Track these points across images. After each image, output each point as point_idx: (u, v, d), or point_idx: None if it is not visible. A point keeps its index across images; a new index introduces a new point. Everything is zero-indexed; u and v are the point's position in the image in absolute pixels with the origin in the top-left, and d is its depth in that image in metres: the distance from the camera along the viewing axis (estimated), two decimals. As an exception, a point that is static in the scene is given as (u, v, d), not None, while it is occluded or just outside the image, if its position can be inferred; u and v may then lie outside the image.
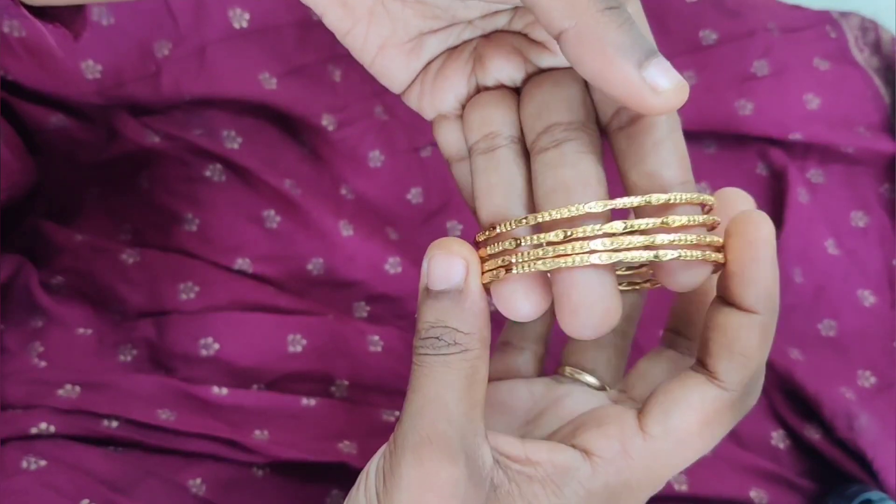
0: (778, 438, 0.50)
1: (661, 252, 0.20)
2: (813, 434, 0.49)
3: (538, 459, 0.22)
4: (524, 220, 0.21)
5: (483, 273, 0.22)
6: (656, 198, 0.21)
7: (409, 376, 0.49)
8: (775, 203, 0.55)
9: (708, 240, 0.21)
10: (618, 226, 0.20)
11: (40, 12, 0.29)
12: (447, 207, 0.52)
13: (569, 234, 0.20)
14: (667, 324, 0.28)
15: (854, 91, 0.56)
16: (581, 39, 0.19)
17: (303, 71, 0.50)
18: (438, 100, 0.27)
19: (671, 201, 0.21)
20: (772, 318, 0.21)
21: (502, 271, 0.21)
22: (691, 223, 0.21)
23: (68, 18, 0.31)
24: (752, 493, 0.46)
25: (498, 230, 0.22)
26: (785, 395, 0.50)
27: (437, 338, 0.22)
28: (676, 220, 0.21)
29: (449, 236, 0.23)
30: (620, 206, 0.21)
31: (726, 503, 0.46)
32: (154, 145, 0.48)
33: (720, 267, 0.22)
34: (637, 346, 0.50)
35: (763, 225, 0.21)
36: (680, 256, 0.20)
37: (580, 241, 0.20)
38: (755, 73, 0.56)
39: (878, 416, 0.48)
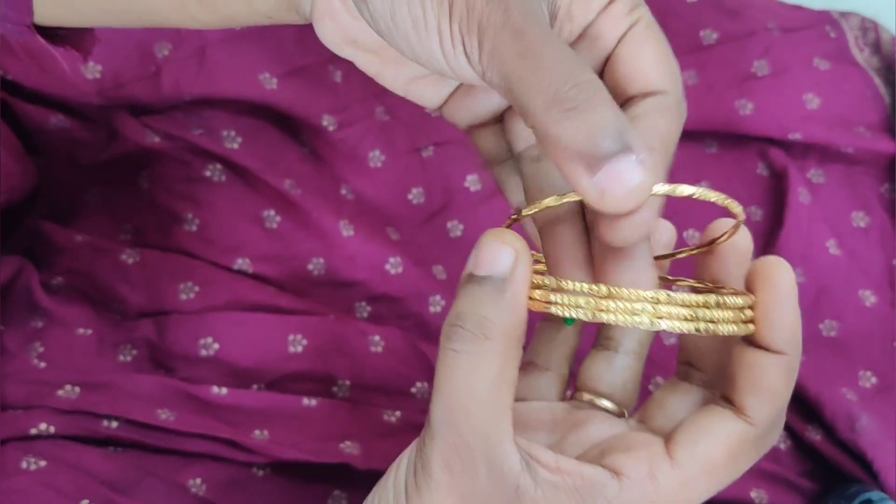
0: (779, 439, 0.50)
1: (701, 325, 0.21)
2: (814, 435, 0.49)
3: (568, 470, 0.22)
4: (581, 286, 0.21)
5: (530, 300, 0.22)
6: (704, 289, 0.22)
7: (409, 376, 0.49)
8: (776, 203, 0.55)
9: (739, 304, 0.22)
10: (662, 296, 0.21)
11: (51, 34, 0.29)
12: (448, 208, 0.52)
13: (613, 292, 0.21)
14: (679, 356, 0.28)
15: (854, 91, 0.56)
16: (540, 137, 0.19)
17: (303, 71, 0.50)
18: (473, 114, 0.27)
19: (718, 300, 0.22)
20: (797, 359, 0.22)
21: (542, 304, 0.21)
22: (729, 309, 0.22)
23: (77, 36, 0.31)
24: (753, 494, 0.46)
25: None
26: (786, 395, 0.50)
27: (463, 327, 0.21)
28: (714, 303, 0.21)
29: (498, 228, 0.22)
30: (665, 301, 0.21)
31: (726, 503, 0.46)
32: (154, 145, 0.48)
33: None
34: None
35: (785, 272, 0.22)
36: (719, 331, 0.21)
37: (623, 302, 0.21)
38: (755, 73, 0.56)
39: (878, 417, 0.48)
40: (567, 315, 0.21)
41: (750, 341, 0.23)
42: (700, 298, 0.21)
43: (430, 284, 0.49)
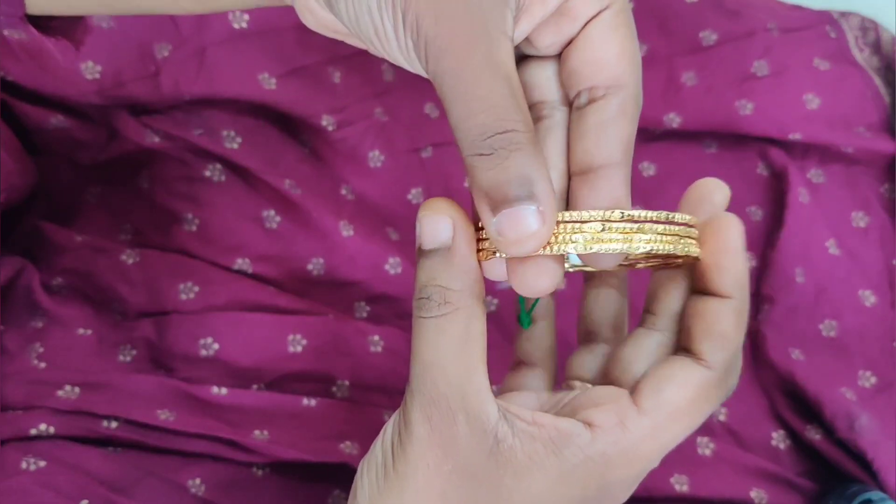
0: (778, 439, 0.50)
1: (634, 245, 0.22)
2: (813, 434, 0.49)
3: (543, 422, 0.23)
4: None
5: (479, 251, 0.23)
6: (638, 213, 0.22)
7: (409, 376, 0.49)
8: (776, 203, 0.55)
9: (685, 232, 0.24)
10: (597, 226, 0.22)
11: (44, 26, 0.30)
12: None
13: (563, 217, 0.22)
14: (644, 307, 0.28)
15: (854, 91, 0.56)
16: (465, 167, 0.21)
17: (303, 72, 0.50)
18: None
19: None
20: (744, 303, 0.24)
21: (492, 252, 0.23)
22: (665, 231, 0.23)
23: (69, 27, 0.31)
24: (753, 494, 0.46)
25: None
26: (786, 396, 0.50)
27: (428, 298, 0.23)
28: (651, 226, 0.22)
29: (438, 197, 0.24)
30: (618, 218, 0.22)
31: (726, 503, 0.46)
32: (154, 145, 0.48)
33: (694, 260, 0.24)
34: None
35: (732, 222, 0.24)
36: (652, 250, 0.22)
37: (563, 234, 0.22)
38: (755, 74, 0.56)
39: (878, 417, 0.48)
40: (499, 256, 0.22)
41: (702, 290, 0.24)
42: (649, 213, 0.22)
43: (430, 284, 0.49)
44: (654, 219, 0.22)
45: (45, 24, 0.30)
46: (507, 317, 0.50)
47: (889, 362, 0.51)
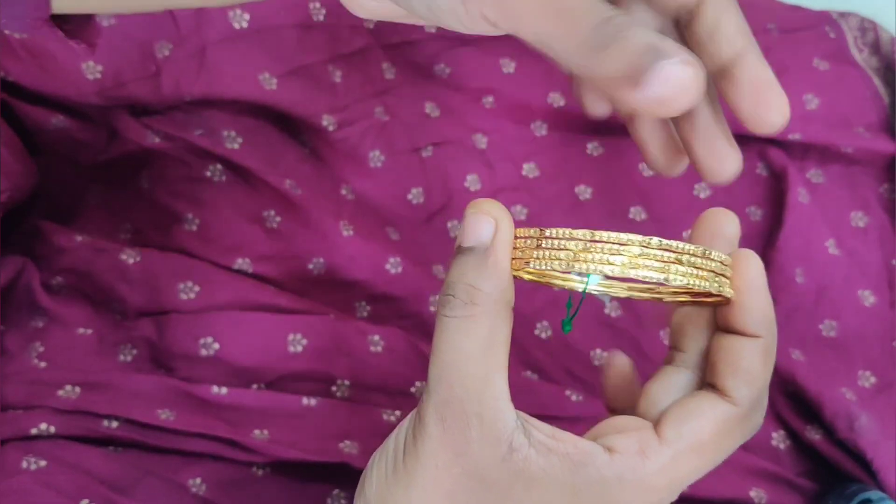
0: (778, 439, 0.50)
1: (671, 276, 0.22)
2: (813, 434, 0.49)
3: (563, 438, 0.23)
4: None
5: (513, 259, 0.23)
6: (690, 248, 0.23)
7: (409, 376, 0.49)
8: (775, 203, 0.55)
9: (720, 269, 0.23)
10: (635, 250, 0.22)
11: (60, 28, 0.30)
12: (448, 207, 0.52)
13: (597, 236, 0.22)
14: (669, 342, 0.28)
15: (853, 91, 0.57)
16: (587, 79, 0.22)
17: (303, 71, 0.50)
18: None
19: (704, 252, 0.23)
20: (772, 341, 0.24)
21: (525, 263, 0.23)
22: (702, 265, 0.23)
23: (82, 28, 0.31)
24: (752, 493, 0.46)
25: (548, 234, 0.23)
26: (786, 395, 0.50)
27: (454, 295, 0.23)
28: (689, 258, 0.22)
29: (481, 204, 0.24)
30: (655, 246, 0.22)
31: (726, 503, 0.46)
32: (154, 145, 0.48)
33: (726, 301, 0.24)
34: (643, 353, 0.50)
35: (754, 260, 0.24)
36: (689, 284, 0.22)
37: (600, 254, 0.22)
38: (755, 74, 0.56)
39: (878, 417, 0.48)
40: (544, 268, 0.22)
41: (727, 329, 0.24)
42: (687, 247, 0.22)
43: (430, 284, 0.49)
44: (692, 252, 0.22)
45: (60, 25, 0.30)
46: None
47: (889, 362, 0.51)
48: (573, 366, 0.50)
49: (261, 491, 0.41)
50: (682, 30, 0.27)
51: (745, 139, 0.56)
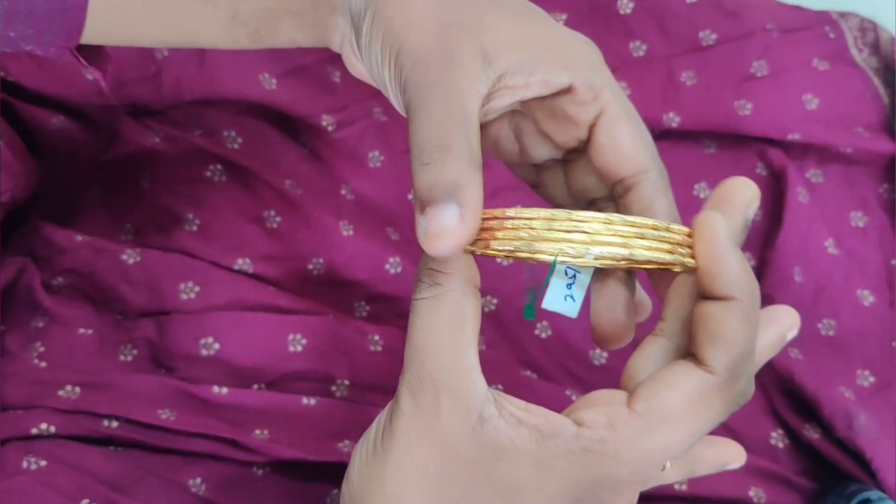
0: (777, 438, 0.50)
1: (635, 251, 0.22)
2: (812, 433, 0.49)
3: (535, 411, 0.23)
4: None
5: (478, 240, 0.24)
6: (651, 222, 0.23)
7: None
8: (775, 203, 0.55)
9: (682, 240, 0.24)
10: (598, 227, 0.22)
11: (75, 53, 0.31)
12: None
13: (552, 224, 0.22)
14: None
15: (853, 91, 0.57)
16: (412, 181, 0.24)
17: (302, 71, 0.50)
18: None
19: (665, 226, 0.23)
20: (752, 303, 0.23)
21: (488, 243, 0.24)
22: (664, 238, 0.23)
23: (96, 55, 0.32)
24: (751, 493, 0.46)
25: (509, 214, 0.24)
26: (784, 394, 0.50)
27: (422, 280, 0.24)
28: (651, 231, 0.23)
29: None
30: (618, 222, 0.23)
31: (726, 502, 0.46)
32: (155, 146, 0.48)
33: (692, 270, 0.24)
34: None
35: (715, 224, 0.23)
36: (652, 258, 0.22)
37: (561, 232, 0.22)
38: (754, 74, 0.56)
39: (876, 416, 0.48)
40: (507, 248, 0.23)
41: (705, 295, 0.24)
42: (649, 221, 0.23)
43: (430, 284, 0.49)
44: (654, 226, 0.23)
45: (79, 51, 0.31)
46: (507, 317, 0.50)
47: (887, 361, 0.51)
48: (572, 365, 0.50)
49: (261, 490, 0.41)
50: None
51: (744, 139, 0.56)
